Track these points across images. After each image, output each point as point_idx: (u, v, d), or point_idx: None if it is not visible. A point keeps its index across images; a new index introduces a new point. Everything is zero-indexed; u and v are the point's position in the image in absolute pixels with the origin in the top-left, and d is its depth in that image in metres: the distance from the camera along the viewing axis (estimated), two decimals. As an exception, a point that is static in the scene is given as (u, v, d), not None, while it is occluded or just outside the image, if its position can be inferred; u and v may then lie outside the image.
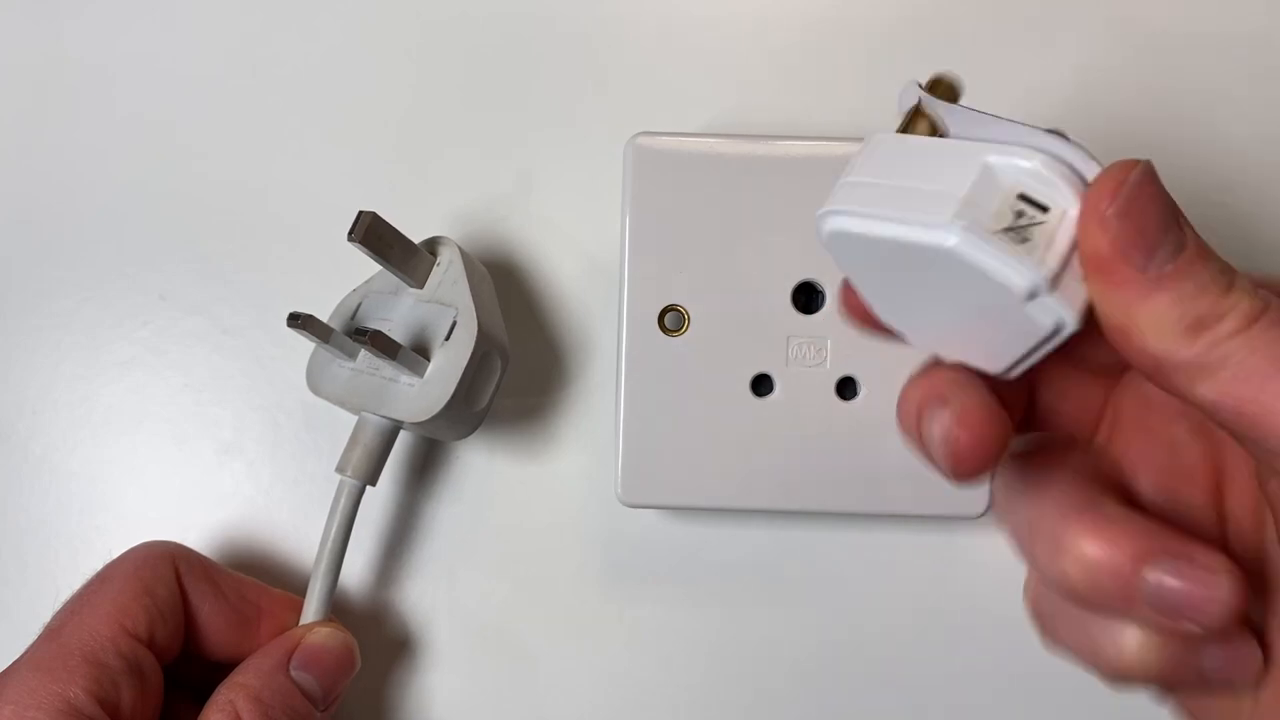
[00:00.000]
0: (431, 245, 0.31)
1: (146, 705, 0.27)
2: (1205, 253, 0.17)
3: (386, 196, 0.32)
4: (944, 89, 0.19)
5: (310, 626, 0.30)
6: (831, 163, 0.30)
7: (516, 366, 0.33)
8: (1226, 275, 0.17)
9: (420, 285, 0.31)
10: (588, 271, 0.33)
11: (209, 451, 0.34)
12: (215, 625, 0.29)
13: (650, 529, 0.33)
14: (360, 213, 0.28)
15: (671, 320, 0.30)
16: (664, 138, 0.30)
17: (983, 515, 0.30)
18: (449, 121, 0.34)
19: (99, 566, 0.29)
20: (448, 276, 0.30)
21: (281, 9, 0.34)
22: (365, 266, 0.30)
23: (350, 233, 0.28)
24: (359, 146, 0.34)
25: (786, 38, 0.34)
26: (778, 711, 0.33)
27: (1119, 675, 0.19)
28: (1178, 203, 0.18)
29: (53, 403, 0.34)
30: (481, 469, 0.33)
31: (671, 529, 0.33)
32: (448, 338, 0.29)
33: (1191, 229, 0.18)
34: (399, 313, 0.31)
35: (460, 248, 0.31)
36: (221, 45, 0.35)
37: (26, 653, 0.27)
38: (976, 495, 0.30)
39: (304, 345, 0.31)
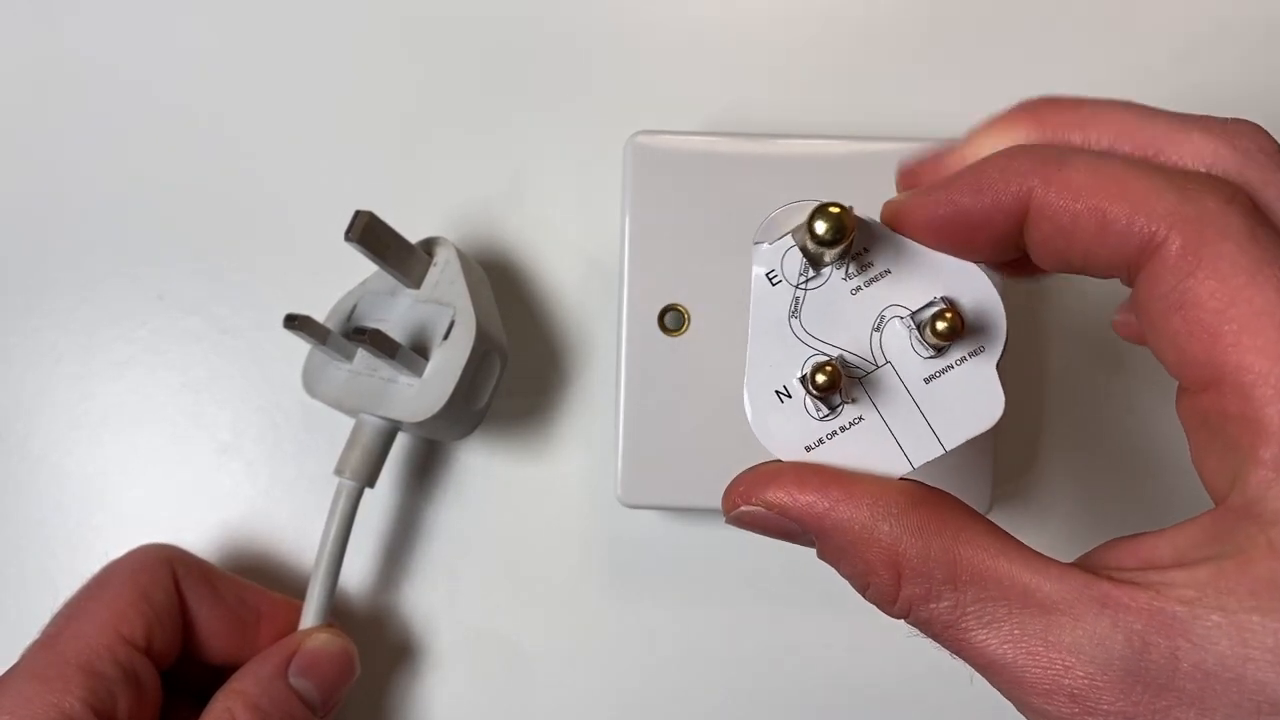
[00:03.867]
0: (428, 245, 0.31)
1: (144, 713, 0.27)
2: None
3: (385, 197, 0.32)
4: None
5: (309, 632, 0.29)
6: (831, 161, 0.30)
7: (516, 367, 0.33)
8: None
9: (417, 286, 0.30)
10: (587, 271, 0.33)
11: (207, 452, 0.34)
12: (214, 630, 0.29)
13: (650, 529, 0.33)
14: (357, 212, 0.28)
15: (671, 320, 0.30)
16: (664, 136, 0.30)
17: (987, 514, 0.30)
18: (447, 121, 0.34)
19: (97, 567, 0.29)
20: (444, 276, 0.30)
21: (279, 10, 0.34)
22: (365, 266, 0.30)
23: (347, 233, 0.28)
24: (357, 146, 0.34)
25: (786, 36, 0.34)
26: (778, 712, 0.33)
27: None
28: None
29: (50, 402, 0.34)
30: (481, 470, 0.33)
31: (671, 529, 0.33)
32: (446, 337, 0.29)
33: None
34: (396, 313, 0.30)
35: (457, 248, 0.30)
36: (220, 45, 0.34)
37: (22, 661, 0.27)
38: (978, 495, 0.30)
39: (303, 345, 0.31)
